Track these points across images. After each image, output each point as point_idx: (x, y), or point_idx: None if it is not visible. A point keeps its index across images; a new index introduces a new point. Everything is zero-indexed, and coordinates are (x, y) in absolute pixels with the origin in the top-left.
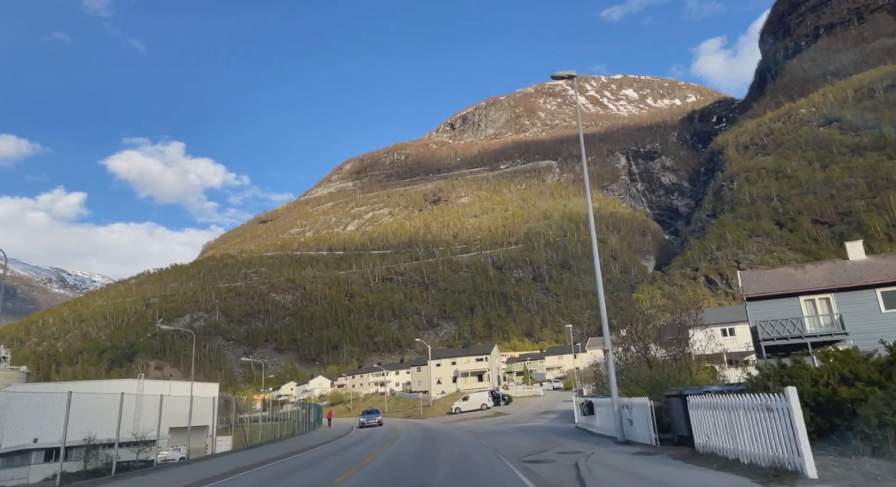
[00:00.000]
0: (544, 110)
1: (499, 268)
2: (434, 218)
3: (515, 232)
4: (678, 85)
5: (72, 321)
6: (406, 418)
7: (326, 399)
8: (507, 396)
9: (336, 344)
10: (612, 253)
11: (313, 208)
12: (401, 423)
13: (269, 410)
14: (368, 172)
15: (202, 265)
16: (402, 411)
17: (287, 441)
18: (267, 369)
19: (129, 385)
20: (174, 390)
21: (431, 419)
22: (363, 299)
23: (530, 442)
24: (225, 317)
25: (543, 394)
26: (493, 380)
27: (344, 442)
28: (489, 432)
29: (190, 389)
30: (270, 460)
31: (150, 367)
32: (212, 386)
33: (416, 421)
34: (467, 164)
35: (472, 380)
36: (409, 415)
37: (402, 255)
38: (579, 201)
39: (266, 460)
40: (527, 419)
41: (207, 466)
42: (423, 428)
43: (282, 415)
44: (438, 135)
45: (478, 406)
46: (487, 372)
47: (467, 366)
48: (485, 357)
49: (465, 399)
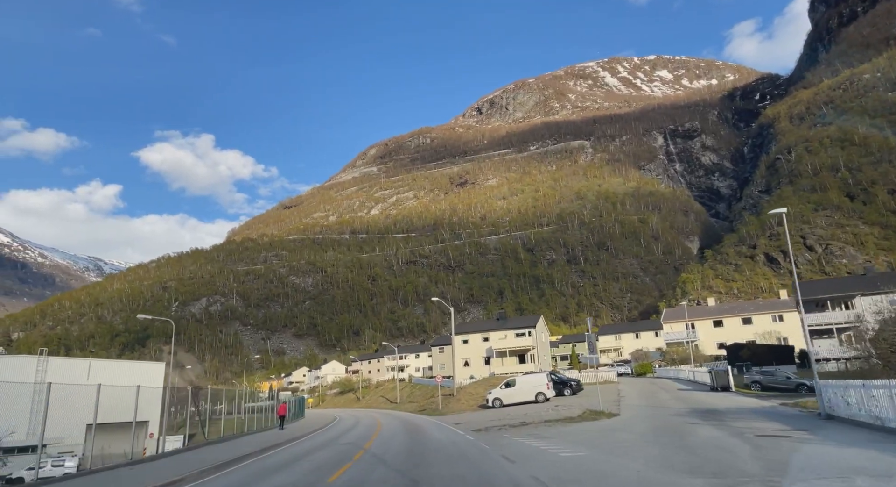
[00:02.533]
0: (574, 92)
1: (530, 250)
2: (460, 200)
3: (547, 213)
4: (715, 65)
5: (88, 305)
6: (419, 412)
7: (336, 387)
8: (574, 381)
9: (357, 330)
10: (653, 233)
11: (337, 193)
12: (398, 424)
13: (236, 403)
14: (393, 156)
15: (222, 249)
16: (416, 402)
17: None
18: (286, 355)
19: (24, 365)
20: (106, 373)
21: (456, 417)
22: (386, 283)
23: None
24: (243, 301)
25: (619, 380)
26: (539, 362)
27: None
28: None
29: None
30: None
31: (163, 351)
32: (156, 369)
33: (432, 419)
34: (495, 145)
35: (511, 362)
36: (425, 408)
37: (426, 238)
38: (615, 180)
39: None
40: (666, 427)
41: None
42: (433, 444)
43: (254, 408)
44: (465, 120)
45: (530, 398)
46: (532, 351)
47: (504, 343)
48: (528, 332)
49: (507, 386)
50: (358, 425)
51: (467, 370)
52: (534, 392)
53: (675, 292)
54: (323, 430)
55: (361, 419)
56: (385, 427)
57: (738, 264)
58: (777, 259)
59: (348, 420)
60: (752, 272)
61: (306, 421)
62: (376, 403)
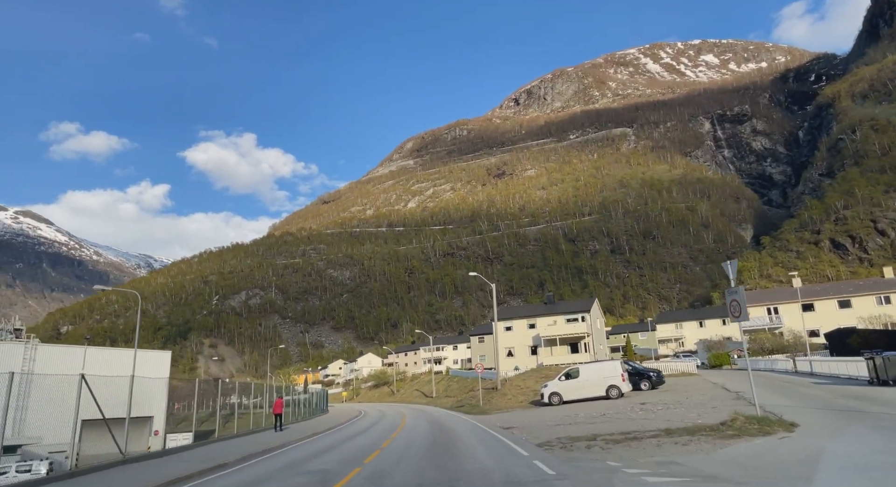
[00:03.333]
0: (615, 80)
1: (571, 240)
2: (498, 192)
3: (589, 202)
4: (765, 47)
5: (132, 298)
6: (456, 408)
7: (371, 380)
8: (654, 372)
9: (395, 322)
10: (702, 221)
11: (374, 187)
12: (425, 428)
13: (249, 397)
14: (430, 149)
15: (262, 244)
16: (453, 396)
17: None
18: (324, 348)
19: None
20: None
21: (503, 417)
22: (423, 275)
23: None
24: (281, 294)
25: (699, 372)
26: (594, 352)
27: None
28: None
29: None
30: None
31: (205, 345)
32: (160, 358)
33: (470, 420)
34: (533, 135)
35: (562, 351)
36: (463, 404)
37: (464, 229)
38: (660, 167)
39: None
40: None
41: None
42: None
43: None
44: (502, 111)
45: (598, 392)
46: (586, 339)
47: (553, 330)
48: (581, 317)
49: (568, 378)
50: (376, 425)
51: (511, 361)
52: (604, 386)
53: (729, 281)
54: (329, 432)
55: (384, 417)
56: (406, 431)
57: (799, 250)
58: (844, 244)
59: (366, 420)
60: (817, 259)
61: (324, 419)
62: (411, 397)
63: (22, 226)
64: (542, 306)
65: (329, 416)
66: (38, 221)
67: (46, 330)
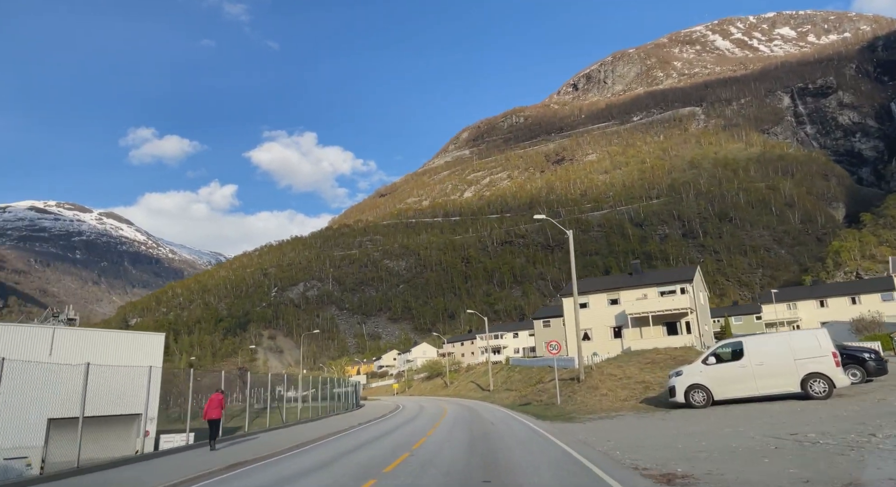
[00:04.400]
0: (680, 60)
1: (638, 225)
2: (557, 178)
3: (657, 185)
4: (848, 16)
5: (197, 292)
6: (520, 406)
7: (424, 371)
8: (870, 353)
9: (452, 313)
10: (786, 201)
11: (430, 178)
12: (464, 446)
13: (300, 391)
14: (485, 138)
15: (319, 236)
16: (515, 389)
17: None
18: (381, 339)
19: None
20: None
21: (606, 428)
22: (481, 265)
23: None
24: (338, 285)
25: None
26: (698, 332)
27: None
28: None
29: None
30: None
31: (263, 336)
32: (151, 342)
33: (546, 430)
34: (593, 119)
35: (656, 333)
36: (530, 401)
37: (522, 217)
38: (734, 146)
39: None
40: None
41: None
42: None
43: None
44: (560, 97)
45: (788, 386)
46: (688, 318)
47: (643, 306)
48: (680, 289)
49: (720, 360)
50: (395, 431)
51: (587, 346)
52: (796, 373)
53: (824, 263)
54: (302, 450)
55: (420, 416)
56: (420, 458)
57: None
58: None
59: (392, 421)
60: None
61: (345, 418)
62: (465, 390)
63: (105, 227)
64: (626, 277)
65: (352, 415)
66: (119, 222)
67: (118, 322)
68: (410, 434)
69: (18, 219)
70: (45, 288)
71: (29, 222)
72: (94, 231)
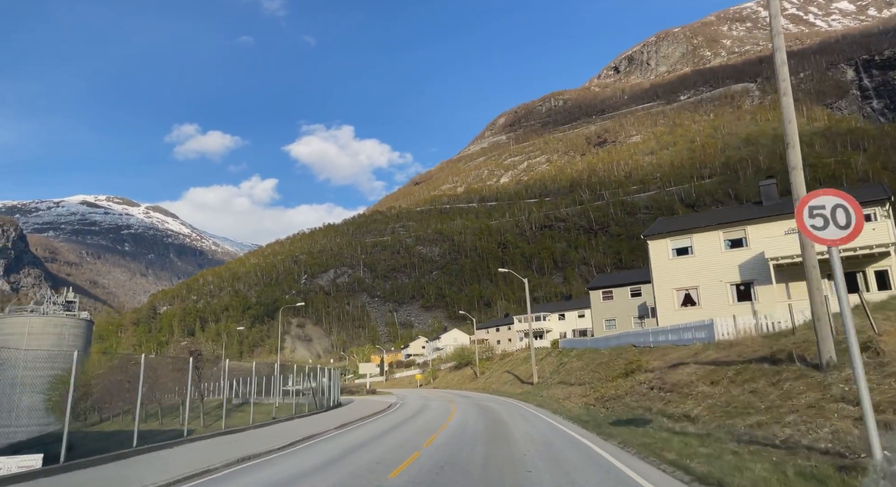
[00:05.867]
0: (729, 38)
1: (690, 206)
2: (599, 160)
3: (709, 163)
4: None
5: (227, 279)
6: (608, 427)
7: (452, 359)
8: None
9: (488, 300)
10: (859, 176)
11: (465, 165)
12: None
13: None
14: (523, 123)
15: (351, 223)
16: (580, 382)
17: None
18: (413, 327)
19: None
20: None
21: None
22: (518, 250)
23: None
24: (370, 272)
25: None
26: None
27: None
28: None
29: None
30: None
31: (292, 324)
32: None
33: None
34: (637, 100)
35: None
36: (635, 418)
37: (562, 200)
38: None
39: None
40: None
41: None
42: None
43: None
44: (600, 80)
45: None
46: (889, 260)
47: (785, 246)
48: (871, 214)
49: None
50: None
51: (685, 314)
52: None
53: None
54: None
55: (407, 424)
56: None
57: None
58: None
59: (351, 437)
60: None
61: (280, 431)
62: (498, 382)
63: (152, 220)
64: (751, 207)
65: (311, 421)
66: (165, 215)
67: (147, 310)
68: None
69: (71, 213)
70: (95, 280)
71: (81, 216)
72: (141, 225)
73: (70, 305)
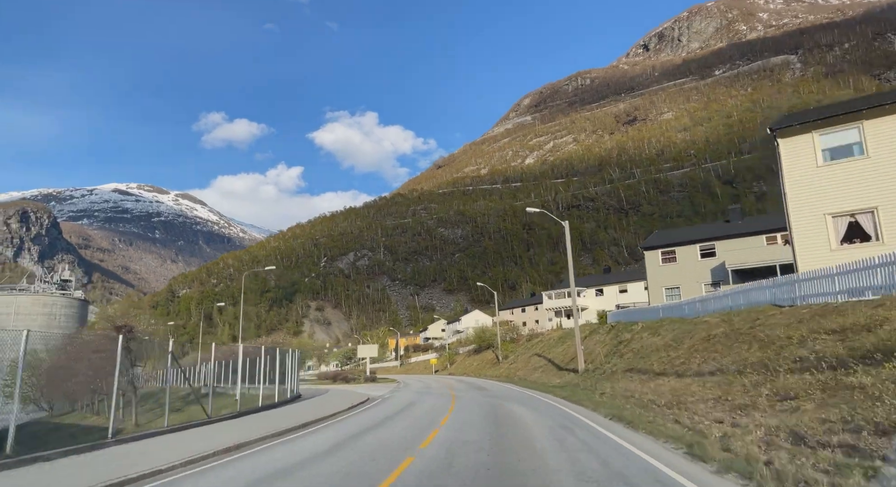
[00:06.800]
0: (766, 10)
1: (728, 182)
2: (629, 138)
3: (748, 138)
4: None
5: (247, 263)
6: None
7: (471, 342)
8: None
9: (514, 283)
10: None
11: (489, 147)
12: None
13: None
14: (548, 102)
15: (372, 206)
16: (738, 389)
17: None
18: (435, 311)
19: None
20: None
21: None
22: (544, 231)
23: None
24: (390, 255)
25: None
26: None
27: None
28: None
29: None
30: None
31: (311, 307)
32: None
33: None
34: (668, 77)
35: None
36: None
37: (591, 179)
38: (840, 93)
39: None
40: None
41: None
42: None
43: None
44: (629, 59)
45: None
46: None
47: None
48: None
49: None
50: None
51: (850, 253)
52: None
53: None
54: None
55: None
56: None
57: None
58: None
59: None
60: None
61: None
62: (526, 369)
63: (182, 208)
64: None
65: (230, 426)
66: (194, 202)
67: (166, 293)
68: None
69: (104, 201)
70: (127, 266)
71: (113, 204)
72: (171, 212)
73: (66, 284)
